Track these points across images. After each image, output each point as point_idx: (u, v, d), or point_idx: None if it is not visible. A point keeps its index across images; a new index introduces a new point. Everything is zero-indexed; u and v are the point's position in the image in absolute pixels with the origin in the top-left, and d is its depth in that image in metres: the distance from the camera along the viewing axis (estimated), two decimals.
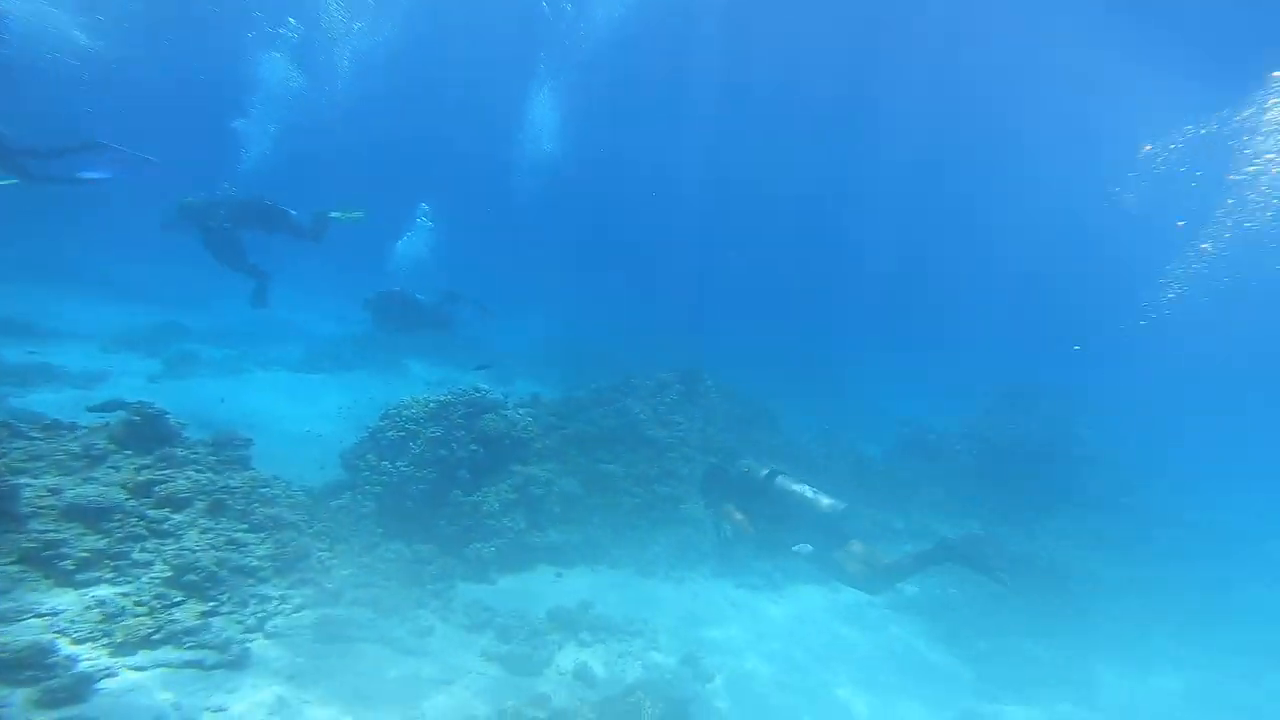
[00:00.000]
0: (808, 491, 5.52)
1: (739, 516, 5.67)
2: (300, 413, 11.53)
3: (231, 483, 6.74)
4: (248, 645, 5.28)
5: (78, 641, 4.49)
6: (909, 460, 14.01)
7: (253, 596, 5.82)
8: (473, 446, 9.39)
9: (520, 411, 10.67)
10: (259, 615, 5.68)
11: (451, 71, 34.62)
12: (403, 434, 9.24)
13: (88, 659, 4.35)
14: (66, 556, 5.05)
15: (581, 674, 6.46)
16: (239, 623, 5.51)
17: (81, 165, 8.89)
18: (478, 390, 10.38)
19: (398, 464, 8.96)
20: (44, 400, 9.17)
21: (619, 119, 36.07)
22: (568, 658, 6.73)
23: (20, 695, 3.85)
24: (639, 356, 17.03)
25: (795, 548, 5.43)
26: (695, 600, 8.73)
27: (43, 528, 5.15)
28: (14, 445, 5.80)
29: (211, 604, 5.53)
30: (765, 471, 5.70)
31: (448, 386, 13.90)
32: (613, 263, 34.73)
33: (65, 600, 4.79)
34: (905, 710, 7.29)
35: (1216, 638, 9.94)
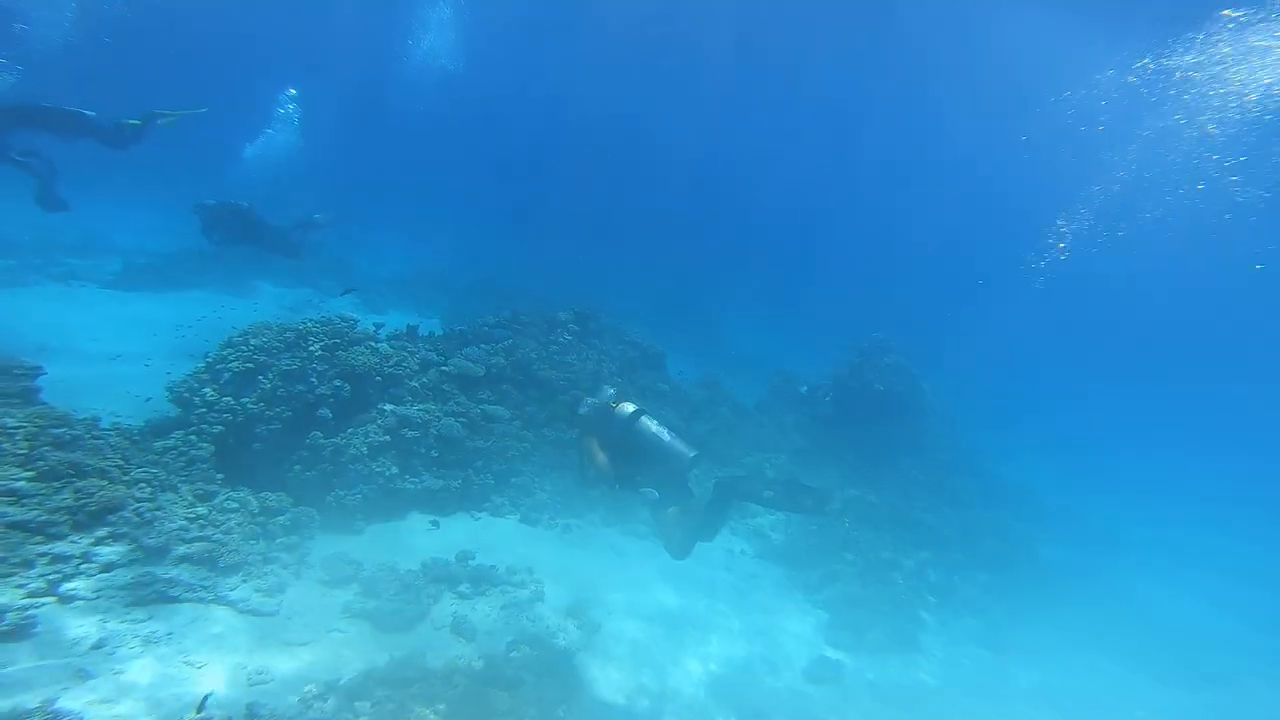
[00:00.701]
0: (665, 435, 5.56)
1: (600, 455, 5.63)
2: (113, 337, 9.69)
3: (7, 421, 5.49)
4: (31, 613, 4.41)
5: None
6: (779, 409, 14.86)
7: (41, 556, 4.85)
8: (337, 382, 8.45)
9: (394, 344, 9.82)
10: (50, 578, 4.76)
11: None
12: (250, 365, 8.09)
13: None
14: None
15: (460, 628, 6.21)
16: (20, 587, 4.58)
17: None
18: (344, 319, 9.33)
19: (242, 400, 7.85)
20: None
21: (525, 33, 33.50)
22: (444, 611, 6.43)
23: None
24: (526, 291, 16.33)
25: (643, 490, 5.52)
26: (582, 549, 8.72)
27: None
28: None
29: None
30: (632, 409, 5.67)
31: (306, 312, 12.57)
32: (500, 189, 32.75)
33: None
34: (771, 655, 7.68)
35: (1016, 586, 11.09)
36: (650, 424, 5.49)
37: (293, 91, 15.86)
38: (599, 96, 38.71)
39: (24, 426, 5.57)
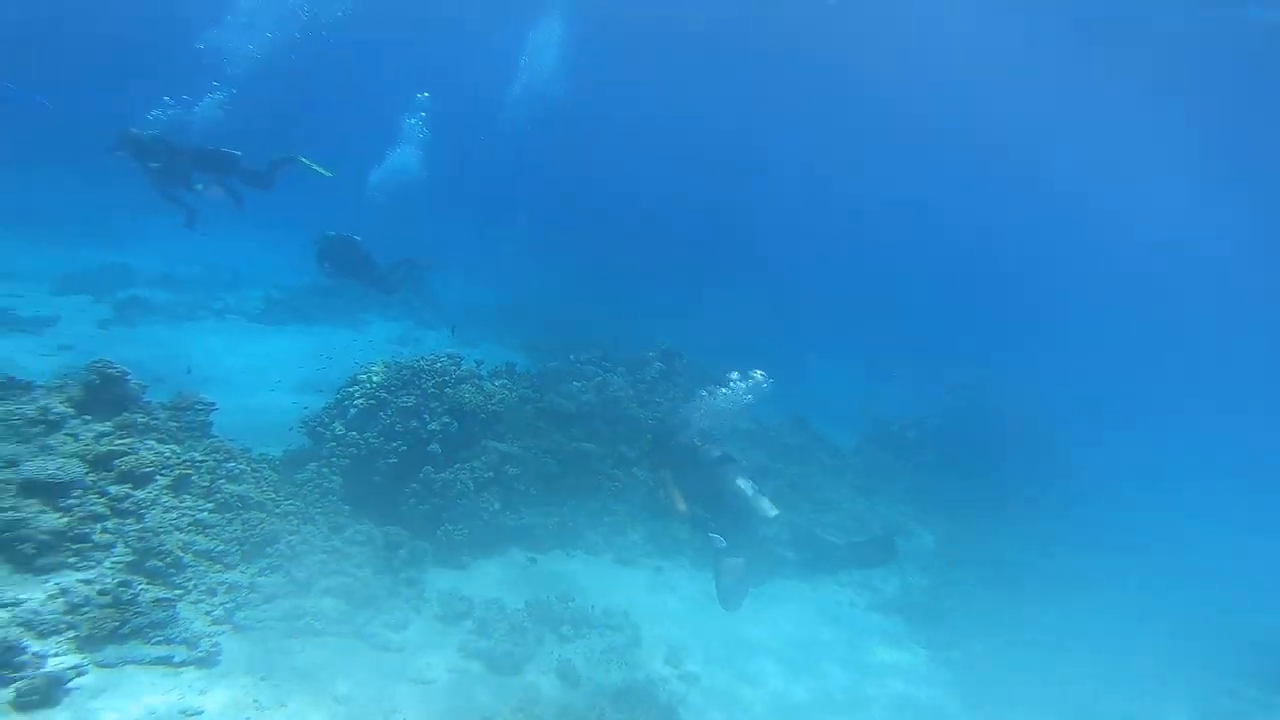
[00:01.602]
0: (748, 488, 5.66)
1: (673, 490, 5.82)
2: (259, 369, 11.00)
3: (195, 455, 6.46)
4: (217, 640, 5.17)
5: (44, 636, 4.30)
6: (879, 453, 14.63)
7: (220, 585, 5.69)
8: (445, 419, 9.21)
9: (496, 383, 10.53)
10: (227, 606, 5.57)
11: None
12: (372, 402, 8.98)
13: (56, 656, 4.16)
14: (26, 539, 4.77)
15: (565, 673, 6.63)
16: (207, 614, 5.40)
17: None
18: (450, 357, 10.14)
19: (365, 435, 8.73)
20: None
21: (619, 64, 34.64)
22: (549, 654, 6.87)
23: None
24: (613, 326, 16.93)
25: (712, 534, 5.62)
26: (675, 593, 8.98)
27: (13, 504, 4.82)
28: None
29: (177, 592, 5.36)
30: (717, 454, 5.83)
31: (413, 347, 13.69)
32: (587, 222, 33.75)
33: (27, 589, 4.55)
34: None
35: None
36: (733, 473, 5.66)
37: (425, 95, 17.26)
38: (686, 130, 39.55)
39: (206, 460, 6.52)
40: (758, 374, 7.33)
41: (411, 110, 17.35)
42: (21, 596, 4.49)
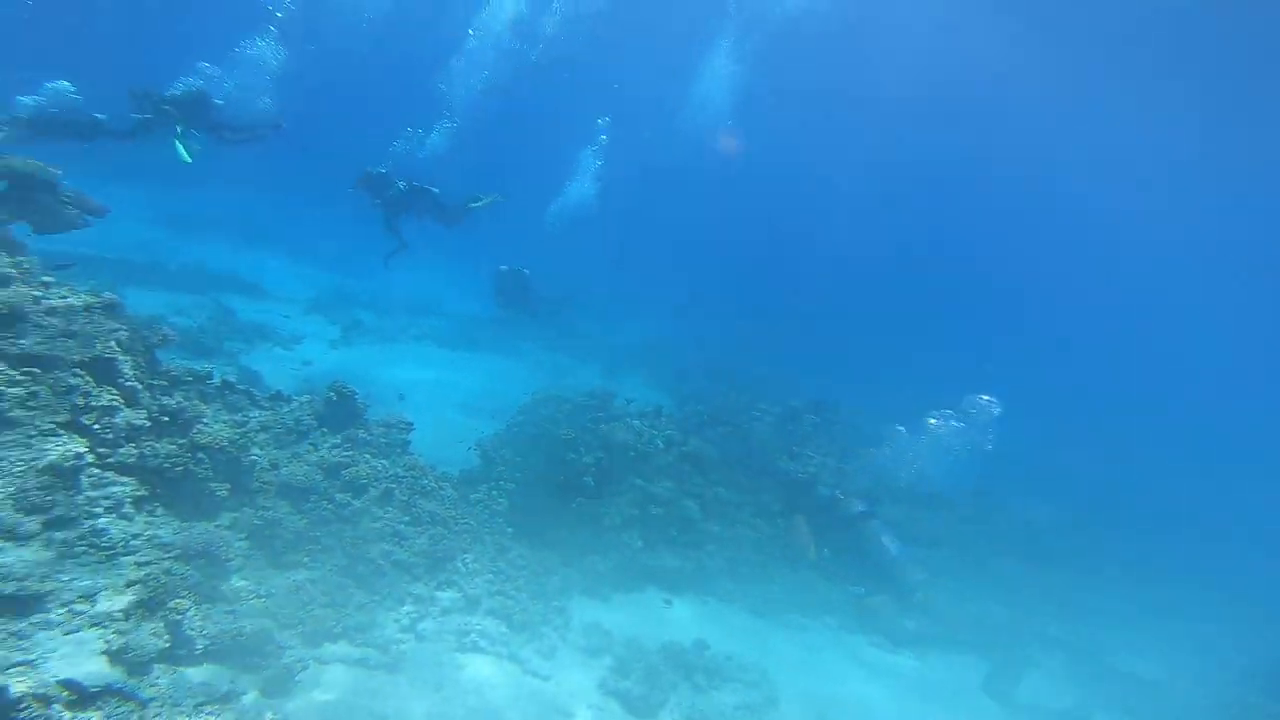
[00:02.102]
0: (892, 547, 5.44)
1: (807, 537, 5.67)
2: (442, 389, 12.45)
3: (398, 470, 7.46)
4: (402, 648, 5.89)
5: (284, 627, 5.22)
6: (1091, 528, 12.81)
7: (408, 595, 6.48)
8: (599, 454, 9.75)
9: (644, 423, 10.91)
10: (412, 616, 6.32)
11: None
12: (538, 431, 9.75)
13: (290, 649, 5.04)
14: (278, 537, 5.84)
15: None
16: (396, 621, 6.17)
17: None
18: (604, 394, 10.71)
19: (530, 461, 9.50)
20: (260, 358, 10.57)
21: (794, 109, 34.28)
22: (683, 701, 6.96)
23: (248, 683, 4.54)
24: (756, 373, 16.72)
25: (852, 587, 5.44)
26: (818, 655, 8.64)
27: (269, 504, 5.96)
28: (251, 414, 6.70)
29: (375, 598, 6.21)
30: (860, 509, 5.61)
31: (569, 379, 14.67)
32: (739, 263, 33.47)
33: (273, 582, 5.57)
34: None
35: None
36: (880, 531, 5.47)
37: (605, 120, 18.49)
38: (851, 179, 38.21)
39: (406, 476, 7.52)
40: (934, 420, 6.94)
41: (592, 137, 18.67)
42: (270, 590, 5.51)
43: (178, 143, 8.71)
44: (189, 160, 8.81)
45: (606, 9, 21.09)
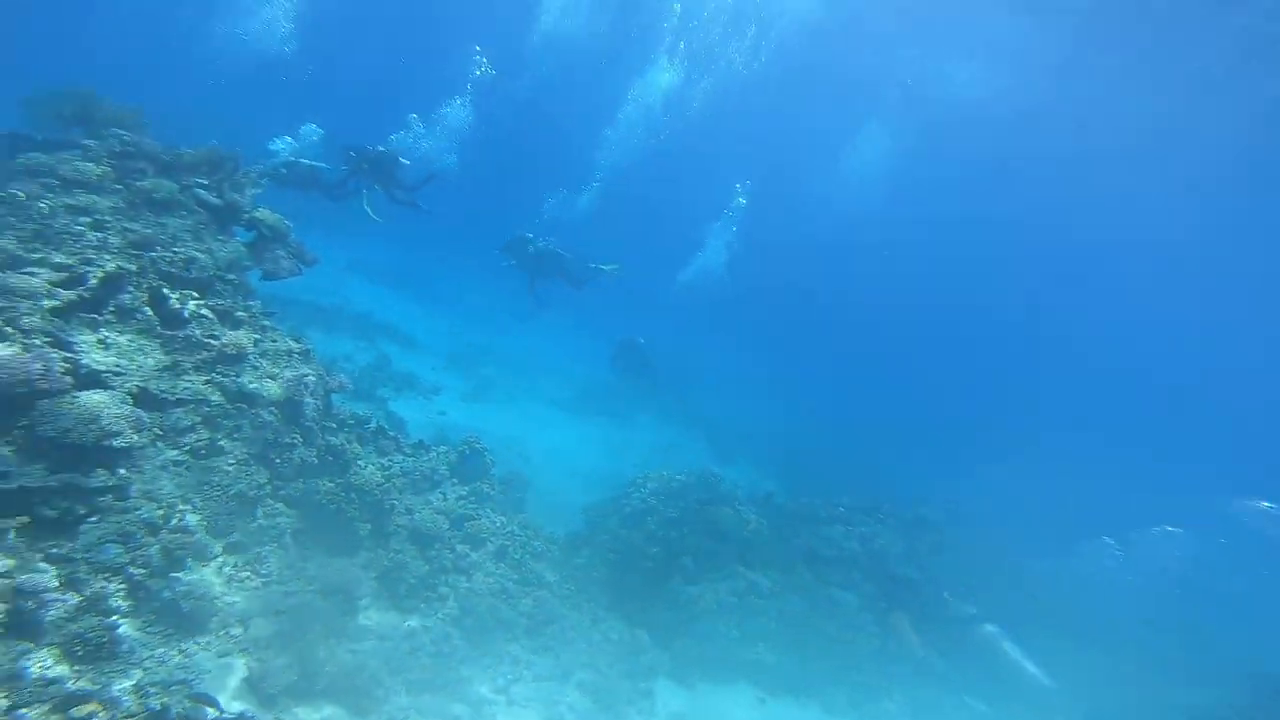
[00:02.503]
0: (1013, 653, 4.77)
1: (911, 634, 5.06)
2: (555, 451, 12.90)
3: (514, 528, 7.82)
4: (494, 709, 6.05)
5: (394, 673, 5.58)
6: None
7: (506, 654, 6.69)
8: (702, 536, 9.61)
9: (753, 510, 10.60)
10: (508, 677, 6.51)
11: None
12: (644, 507, 9.81)
13: (393, 692, 5.36)
14: (403, 580, 6.33)
15: None
16: (491, 681, 6.36)
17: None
18: (712, 475, 10.60)
19: (633, 535, 9.55)
20: (406, 405, 11.72)
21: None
22: None
23: None
24: (884, 468, 15.66)
25: (968, 699, 4.78)
26: None
27: (400, 547, 6.50)
28: (396, 459, 7.41)
29: (476, 653, 6.46)
30: (971, 611, 4.95)
31: (678, 455, 14.63)
32: (866, 343, 31.72)
33: (390, 624, 6.01)
34: None
35: None
36: (999, 638, 4.87)
37: (744, 185, 18.77)
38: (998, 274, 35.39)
39: (521, 534, 7.87)
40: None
41: (729, 202, 19.00)
42: (389, 632, 5.95)
43: (366, 203, 9.37)
44: (377, 219, 9.58)
45: (756, 81, 21.52)
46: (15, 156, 5.79)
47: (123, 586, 4.28)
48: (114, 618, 4.09)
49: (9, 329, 4.20)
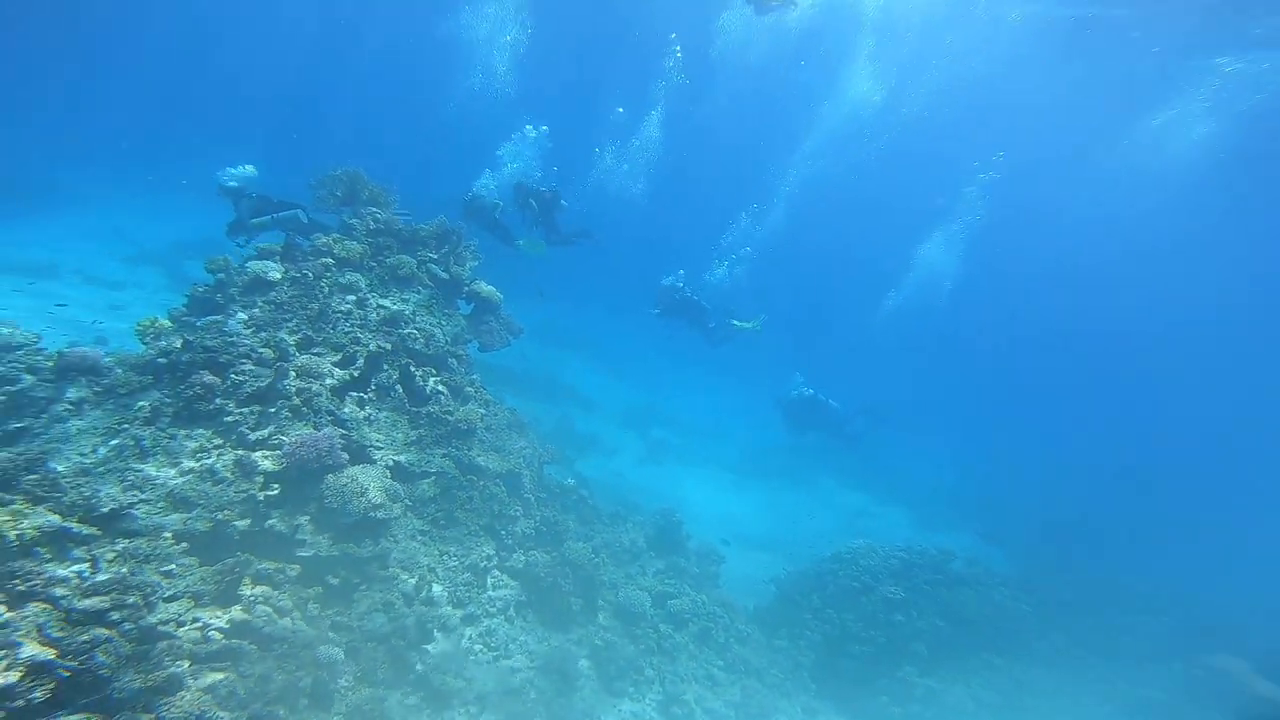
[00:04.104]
0: None
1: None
2: (730, 517, 12.40)
3: (716, 609, 7.38)
4: None
5: None
6: None
7: None
8: (937, 620, 8.46)
9: (1002, 592, 9.20)
10: None
11: None
12: (856, 585, 8.88)
13: None
14: (613, 661, 6.12)
15: None
16: None
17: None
18: (942, 553, 9.39)
19: (844, 615, 8.63)
20: (589, 466, 12.05)
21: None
22: None
23: None
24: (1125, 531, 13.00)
25: None
26: None
27: (607, 624, 6.35)
28: (596, 529, 7.42)
29: None
30: None
31: (871, 522, 13.33)
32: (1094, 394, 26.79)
33: (603, 707, 5.77)
34: None
35: None
36: None
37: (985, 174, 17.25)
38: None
39: (723, 616, 7.39)
40: None
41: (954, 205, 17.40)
42: (604, 716, 5.71)
43: (520, 242, 9.00)
44: (533, 254, 9.15)
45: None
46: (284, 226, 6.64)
47: (386, 658, 4.48)
48: (380, 689, 4.27)
49: (305, 409, 4.77)
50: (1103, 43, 15.35)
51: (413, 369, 5.89)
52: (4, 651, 2.32)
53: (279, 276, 5.70)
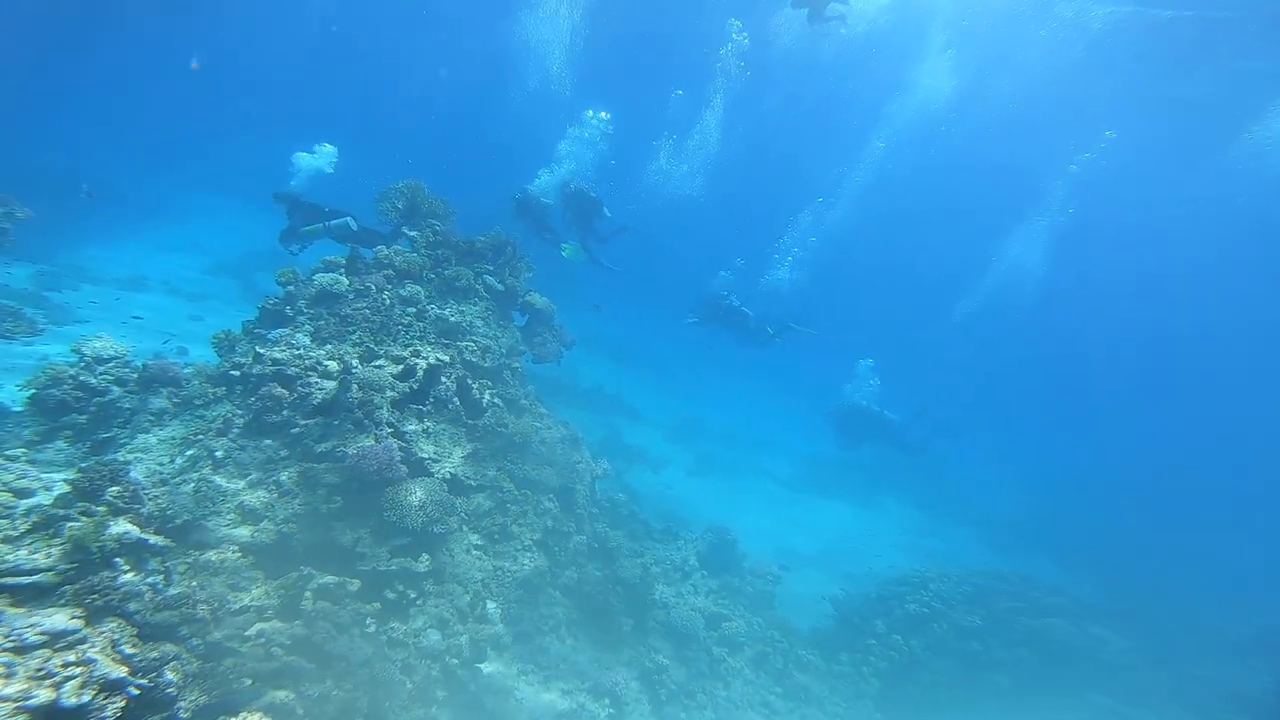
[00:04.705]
0: None
1: None
2: (782, 534, 12.02)
3: (774, 633, 7.17)
4: None
5: None
6: None
7: None
8: (1022, 651, 8.00)
9: (1102, 626, 8.63)
10: None
11: None
12: (926, 610, 8.46)
13: None
14: (663, 685, 6.00)
15: None
16: None
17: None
18: (1022, 579, 8.86)
19: (910, 642, 8.22)
20: (637, 478, 11.97)
21: None
22: None
23: None
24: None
25: None
26: None
27: (658, 645, 6.24)
28: (647, 546, 7.32)
29: None
30: None
31: (935, 541, 12.64)
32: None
33: None
34: None
35: None
36: None
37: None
38: None
39: (781, 641, 7.16)
40: None
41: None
42: None
43: (564, 248, 8.81)
44: (574, 259, 9.03)
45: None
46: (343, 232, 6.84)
47: (440, 676, 4.50)
48: (434, 709, 4.29)
49: (367, 421, 4.86)
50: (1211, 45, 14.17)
51: (470, 381, 5.94)
52: (81, 669, 2.40)
53: (344, 288, 5.86)
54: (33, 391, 4.37)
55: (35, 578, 2.82)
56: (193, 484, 4.04)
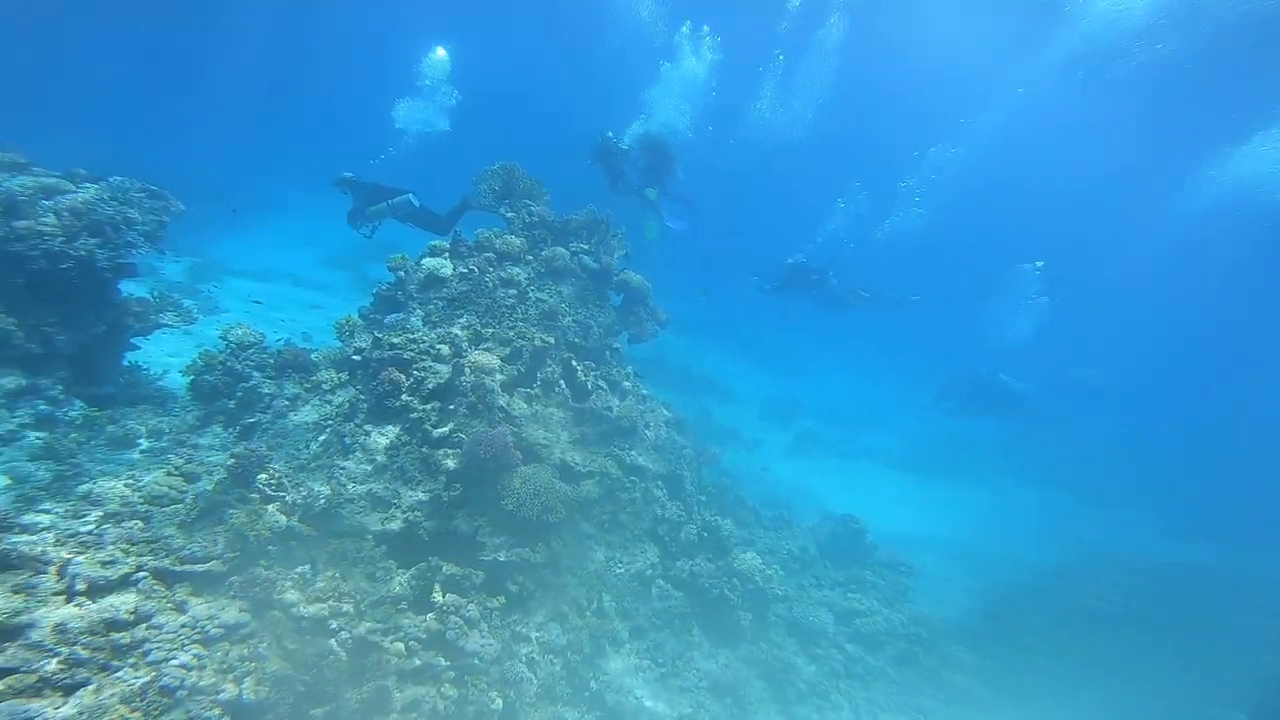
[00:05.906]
0: None
1: None
2: (905, 521, 11.19)
3: (918, 630, 6.70)
4: None
5: None
6: None
7: None
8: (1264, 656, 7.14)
9: None
10: None
11: None
12: (1099, 603, 7.74)
13: None
14: (791, 685, 5.69)
15: None
16: None
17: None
18: (1206, 567, 7.86)
19: (1091, 640, 7.51)
20: (731, 460, 11.49)
21: None
22: None
23: None
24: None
25: None
26: None
27: (778, 640, 5.94)
28: (754, 534, 7.01)
29: None
30: None
31: (1097, 535, 11.32)
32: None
33: None
34: None
35: None
36: None
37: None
38: None
39: (929, 639, 6.66)
40: None
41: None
42: None
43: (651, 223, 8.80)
44: (650, 237, 9.00)
45: None
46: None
47: (563, 673, 4.42)
48: (559, 707, 4.22)
49: (480, 405, 4.82)
50: None
51: (574, 364, 5.81)
52: (253, 665, 2.44)
53: (450, 273, 5.87)
54: (192, 378, 4.86)
55: (209, 565, 2.96)
56: (326, 469, 4.13)
